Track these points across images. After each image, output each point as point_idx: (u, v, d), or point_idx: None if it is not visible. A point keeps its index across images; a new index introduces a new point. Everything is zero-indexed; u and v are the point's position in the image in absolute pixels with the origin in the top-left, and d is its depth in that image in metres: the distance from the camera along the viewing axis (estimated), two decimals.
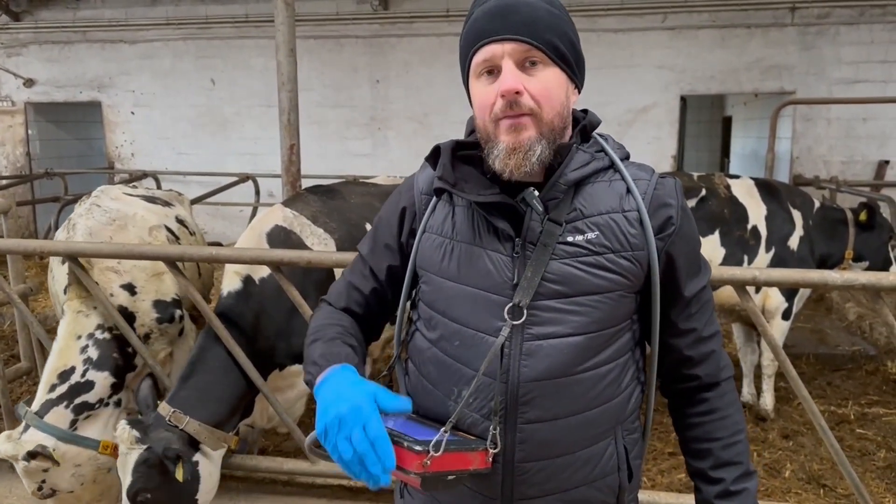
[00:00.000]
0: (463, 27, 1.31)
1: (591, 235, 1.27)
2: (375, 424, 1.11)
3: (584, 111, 1.38)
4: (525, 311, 1.25)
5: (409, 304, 1.50)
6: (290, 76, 4.59)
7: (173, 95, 9.67)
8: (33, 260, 7.81)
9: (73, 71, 9.86)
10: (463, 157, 1.34)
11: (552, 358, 1.26)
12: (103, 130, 10.02)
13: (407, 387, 1.46)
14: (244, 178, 8.83)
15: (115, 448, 2.78)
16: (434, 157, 1.36)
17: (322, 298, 1.57)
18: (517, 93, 1.21)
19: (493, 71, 1.25)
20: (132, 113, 9.84)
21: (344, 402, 1.14)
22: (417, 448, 1.12)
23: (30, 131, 10.17)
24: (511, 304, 1.25)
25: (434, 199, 1.39)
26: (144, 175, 9.12)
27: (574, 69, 1.29)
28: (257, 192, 8.78)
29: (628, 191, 1.30)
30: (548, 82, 1.24)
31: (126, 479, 2.49)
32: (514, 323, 1.25)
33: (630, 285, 1.30)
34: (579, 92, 1.33)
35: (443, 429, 1.18)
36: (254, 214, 8.21)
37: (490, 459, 1.25)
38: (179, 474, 2.45)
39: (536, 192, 1.26)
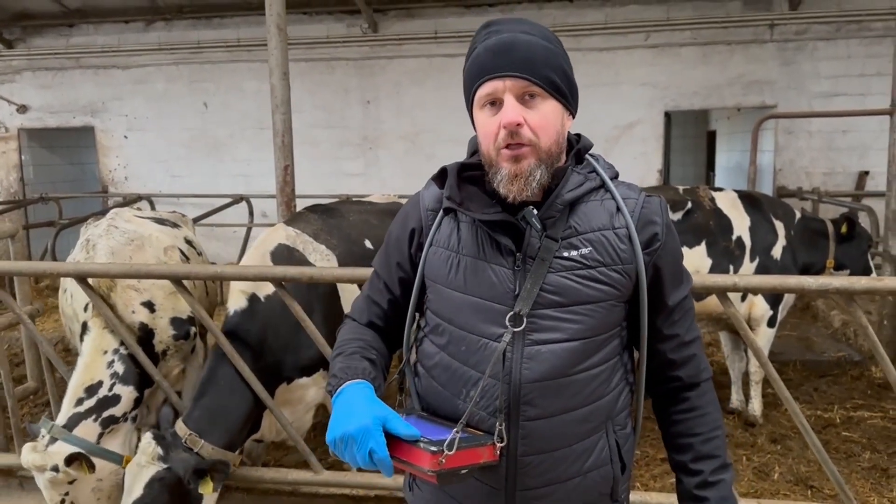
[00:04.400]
0: (466, 59, 1.44)
1: (584, 251, 1.40)
2: (380, 450, 1.23)
3: (578, 136, 1.52)
4: (525, 319, 1.38)
5: (416, 311, 1.62)
6: (284, 99, 4.71)
7: (166, 119, 9.79)
8: (32, 283, 7.85)
9: (66, 96, 9.98)
10: (467, 178, 1.47)
11: (550, 361, 1.39)
12: (97, 155, 10.12)
13: (417, 388, 1.59)
14: (238, 199, 8.94)
15: None
16: (441, 177, 1.49)
17: (346, 315, 1.70)
18: (518, 125, 1.34)
19: (495, 102, 1.38)
20: (125, 137, 9.95)
21: (353, 421, 1.27)
22: (433, 449, 1.23)
23: (23, 157, 10.26)
24: (512, 313, 1.38)
25: (440, 214, 1.52)
26: (139, 198, 9.19)
27: (569, 99, 1.42)
28: (251, 213, 8.89)
29: (618, 209, 1.43)
30: (545, 114, 1.37)
31: (135, 491, 2.57)
32: (515, 330, 1.38)
33: (620, 295, 1.43)
34: (573, 117, 1.47)
35: (455, 429, 1.30)
36: (248, 235, 8.33)
37: (498, 452, 1.37)
38: (209, 487, 2.55)
39: (535, 211, 1.39)
